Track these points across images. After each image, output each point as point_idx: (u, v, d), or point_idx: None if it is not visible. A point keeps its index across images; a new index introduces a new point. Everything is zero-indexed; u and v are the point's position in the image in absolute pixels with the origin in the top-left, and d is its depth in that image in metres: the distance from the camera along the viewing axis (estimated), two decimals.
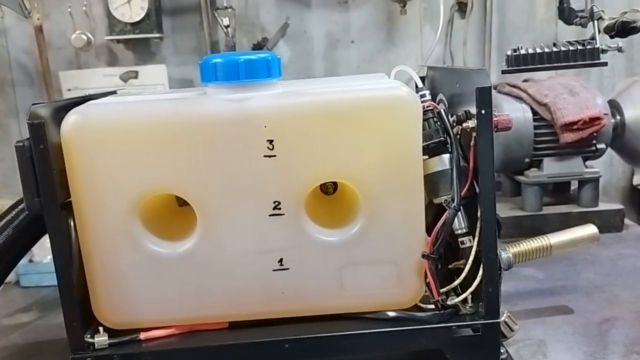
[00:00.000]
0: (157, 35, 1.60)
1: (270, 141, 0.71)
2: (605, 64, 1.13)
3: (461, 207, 0.75)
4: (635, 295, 1.08)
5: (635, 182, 1.73)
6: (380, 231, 0.75)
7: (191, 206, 0.74)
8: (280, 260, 0.75)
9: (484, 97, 0.70)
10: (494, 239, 0.74)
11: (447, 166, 0.76)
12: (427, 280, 0.76)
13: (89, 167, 0.72)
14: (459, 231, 0.77)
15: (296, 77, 1.71)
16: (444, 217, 0.74)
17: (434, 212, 0.79)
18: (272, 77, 0.73)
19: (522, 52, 1.00)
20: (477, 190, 0.76)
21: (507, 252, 0.82)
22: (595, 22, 1.08)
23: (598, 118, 1.34)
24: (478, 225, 0.75)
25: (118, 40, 1.62)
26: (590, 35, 1.14)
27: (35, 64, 1.69)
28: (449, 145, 0.77)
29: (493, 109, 0.71)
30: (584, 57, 1.03)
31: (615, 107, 1.43)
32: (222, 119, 0.71)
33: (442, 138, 0.77)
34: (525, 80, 1.48)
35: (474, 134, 0.74)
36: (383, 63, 1.69)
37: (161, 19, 1.63)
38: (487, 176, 0.73)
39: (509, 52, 1.03)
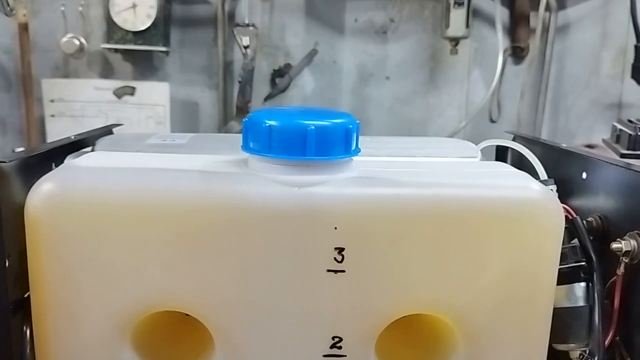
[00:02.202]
0: (163, 48, 1.36)
1: (340, 250, 0.48)
2: None
3: None
4: None
5: None
6: None
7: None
8: None
9: None
10: None
11: (582, 302, 0.53)
12: None
13: (64, 261, 0.47)
14: None
15: None
16: None
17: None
18: (350, 154, 0.49)
19: None
20: (617, 336, 0.53)
21: None
22: None
23: None
24: None
25: (116, 50, 1.38)
26: None
27: (15, 66, 1.44)
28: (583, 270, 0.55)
29: None
30: None
31: None
32: (274, 212, 0.47)
33: (582, 262, 0.54)
34: (589, 146, 1.28)
35: (625, 259, 0.51)
36: (421, 107, 1.47)
37: (169, 31, 1.39)
38: None
39: (626, 129, 0.81)
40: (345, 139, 0.48)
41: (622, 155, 0.81)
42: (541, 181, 0.60)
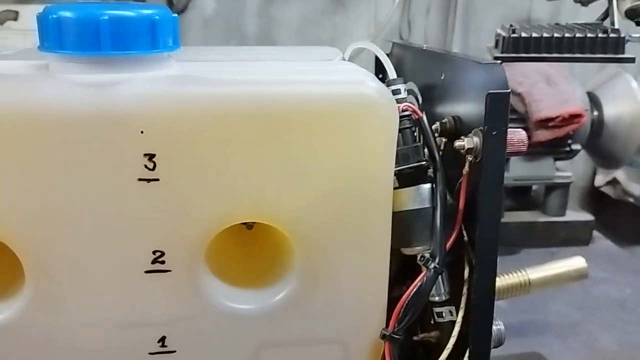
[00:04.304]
0: None
1: (151, 156, 0.43)
2: (633, 60, 0.86)
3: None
4: (617, 339, 0.90)
5: (597, 183, 1.56)
6: (321, 297, 0.49)
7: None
8: (162, 340, 0.48)
9: (498, 108, 0.45)
10: (489, 318, 0.50)
11: (427, 204, 0.51)
12: None
13: None
14: (436, 298, 0.52)
15: (221, 36, 1.41)
16: (417, 282, 0.49)
17: (398, 264, 0.54)
18: (159, 48, 0.44)
19: (524, 34, 0.75)
20: (465, 237, 0.52)
21: (496, 321, 0.59)
22: (615, 1, 0.83)
23: (579, 115, 1.13)
24: (464, 291, 0.51)
25: None
26: (600, 17, 0.89)
27: None
28: (430, 171, 0.52)
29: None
30: (605, 48, 0.79)
31: (593, 101, 1.23)
32: (70, 116, 0.42)
33: (423, 162, 0.51)
34: None
35: (469, 157, 0.49)
36: (328, 27, 1.41)
37: None
38: (488, 225, 0.48)
39: (502, 33, 0.78)
40: (151, 32, 0.43)
41: (495, 58, 0.78)
42: (389, 80, 0.56)
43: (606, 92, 1.23)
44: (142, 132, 0.42)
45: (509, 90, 0.45)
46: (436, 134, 0.54)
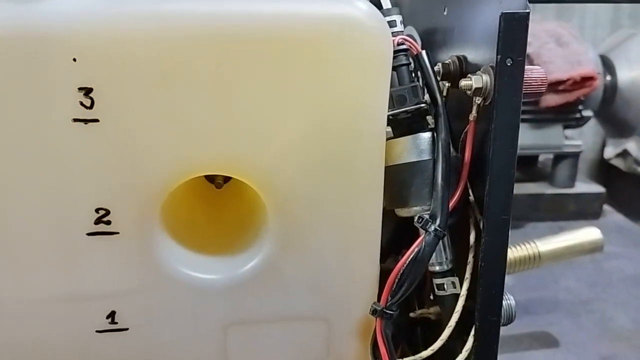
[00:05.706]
0: None
1: (87, 91, 0.35)
2: None
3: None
4: (633, 317, 0.83)
5: (606, 156, 1.48)
6: (299, 266, 0.41)
7: None
8: (111, 315, 0.40)
9: (515, 32, 0.37)
10: (499, 290, 0.42)
11: (427, 155, 0.43)
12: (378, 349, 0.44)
13: None
14: (436, 267, 0.45)
15: None
16: (415, 248, 0.41)
17: (392, 228, 0.46)
18: None
19: None
20: (472, 196, 0.44)
21: (506, 295, 0.51)
22: None
23: (591, 78, 1.05)
24: (470, 259, 0.43)
25: None
26: None
27: None
28: (430, 117, 0.44)
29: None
30: None
31: (606, 65, 1.15)
32: None
33: (423, 104, 0.43)
34: None
35: (478, 99, 0.41)
36: None
37: None
38: (500, 180, 0.40)
39: None
40: None
41: None
42: (383, 10, 0.48)
43: (620, 55, 1.14)
44: (74, 59, 0.34)
45: (528, 11, 0.37)
46: (438, 78, 0.46)
